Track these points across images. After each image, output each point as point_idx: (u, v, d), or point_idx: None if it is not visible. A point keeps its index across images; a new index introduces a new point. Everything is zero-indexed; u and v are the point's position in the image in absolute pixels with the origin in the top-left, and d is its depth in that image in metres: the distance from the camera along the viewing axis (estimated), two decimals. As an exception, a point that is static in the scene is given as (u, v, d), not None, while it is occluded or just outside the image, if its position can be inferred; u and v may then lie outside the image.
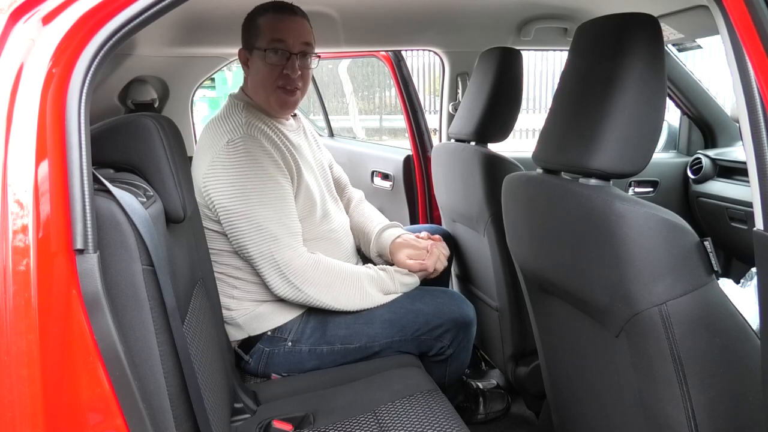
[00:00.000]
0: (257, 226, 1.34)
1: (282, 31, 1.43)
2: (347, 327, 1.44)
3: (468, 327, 1.53)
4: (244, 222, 1.35)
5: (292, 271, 1.35)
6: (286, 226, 1.36)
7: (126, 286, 0.78)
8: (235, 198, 1.34)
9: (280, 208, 1.37)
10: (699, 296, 0.83)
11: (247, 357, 1.46)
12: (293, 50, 1.44)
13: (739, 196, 2.07)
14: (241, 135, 1.37)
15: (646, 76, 0.88)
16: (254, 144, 1.37)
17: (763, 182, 0.73)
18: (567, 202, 0.97)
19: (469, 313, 1.54)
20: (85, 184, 0.67)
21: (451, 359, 1.53)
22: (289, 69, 1.44)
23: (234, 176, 1.34)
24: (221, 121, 1.43)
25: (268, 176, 1.36)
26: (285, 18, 1.44)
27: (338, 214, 1.63)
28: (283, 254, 1.35)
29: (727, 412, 0.86)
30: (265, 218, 1.34)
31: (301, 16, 1.47)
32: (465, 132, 1.73)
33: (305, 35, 1.46)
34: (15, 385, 0.61)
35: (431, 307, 1.48)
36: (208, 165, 1.36)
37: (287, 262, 1.35)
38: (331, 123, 3.29)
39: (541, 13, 1.93)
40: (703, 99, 2.36)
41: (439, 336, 1.48)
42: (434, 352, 1.50)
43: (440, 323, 1.48)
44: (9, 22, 0.66)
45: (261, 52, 1.44)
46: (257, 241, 1.35)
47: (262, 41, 1.43)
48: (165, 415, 0.80)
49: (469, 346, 1.57)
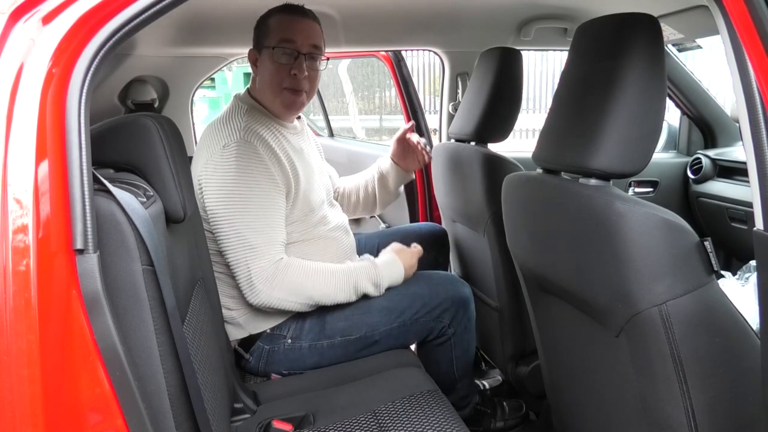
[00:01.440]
0: (237, 233, 1.34)
1: (292, 31, 1.43)
2: (346, 319, 1.45)
3: (466, 304, 1.54)
4: (225, 227, 1.35)
5: (262, 280, 1.35)
6: (266, 236, 1.36)
7: (126, 286, 0.78)
8: (220, 202, 1.35)
9: (263, 217, 1.36)
10: (699, 296, 0.83)
11: (248, 356, 1.46)
12: (302, 50, 1.44)
13: (739, 196, 2.07)
14: (236, 140, 1.37)
15: (646, 76, 0.88)
16: (249, 150, 1.36)
17: (763, 182, 0.73)
18: (567, 202, 0.97)
19: (465, 291, 1.55)
20: (85, 184, 0.67)
21: (454, 341, 1.53)
22: (297, 69, 1.44)
23: (223, 181, 1.35)
24: (221, 124, 1.43)
25: (256, 184, 1.36)
26: (295, 19, 1.45)
27: (335, 215, 1.63)
28: (257, 263, 1.34)
29: (727, 411, 0.86)
30: (246, 226, 1.34)
31: (312, 18, 1.48)
32: (465, 132, 1.73)
33: (315, 38, 1.47)
34: (15, 385, 0.61)
35: (426, 289, 1.49)
36: (202, 166, 1.38)
37: (258, 272, 1.34)
38: (331, 123, 3.29)
39: (541, 13, 1.93)
40: (703, 99, 2.36)
41: (438, 316, 1.49)
42: (435, 334, 1.51)
43: (438, 303, 1.48)
44: (9, 22, 0.66)
45: (270, 50, 1.44)
46: (235, 248, 1.35)
47: (272, 40, 1.44)
48: (165, 415, 0.80)
49: (470, 326, 1.57)
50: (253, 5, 1.52)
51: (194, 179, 1.37)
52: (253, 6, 1.52)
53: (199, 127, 2.56)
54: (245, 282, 1.35)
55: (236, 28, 1.85)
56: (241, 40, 1.96)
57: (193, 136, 2.49)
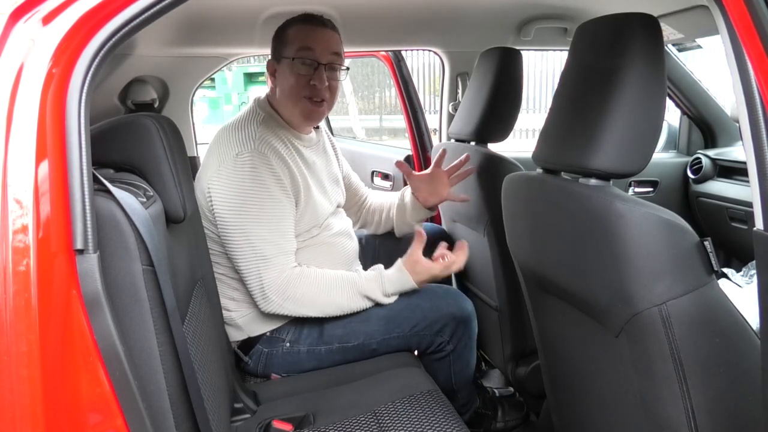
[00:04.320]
0: (249, 244, 1.34)
1: (311, 41, 1.42)
2: (343, 326, 1.44)
3: (467, 321, 1.52)
4: (237, 236, 1.35)
5: (274, 290, 1.35)
6: (278, 246, 1.36)
7: (126, 286, 0.78)
8: (233, 211, 1.34)
9: (275, 228, 1.36)
10: (699, 296, 0.83)
11: (247, 358, 1.46)
12: (321, 60, 1.42)
13: (739, 196, 2.07)
14: (250, 150, 1.36)
15: (646, 76, 0.88)
16: (262, 161, 1.36)
17: (763, 182, 0.73)
18: (567, 202, 0.97)
19: (467, 307, 1.53)
20: (85, 184, 0.67)
21: (453, 357, 1.52)
22: (317, 80, 1.42)
23: (236, 190, 1.34)
24: (236, 129, 1.42)
25: (268, 194, 1.35)
26: (314, 28, 1.44)
27: (339, 220, 1.62)
28: (269, 274, 1.35)
29: (727, 411, 0.86)
30: (258, 237, 1.34)
31: (331, 28, 1.47)
32: (465, 132, 1.73)
33: (335, 46, 1.46)
34: (15, 385, 0.61)
35: (428, 302, 1.48)
36: (214, 170, 1.37)
37: (271, 282, 1.35)
38: (331, 123, 3.29)
39: (541, 13, 1.93)
40: (703, 99, 2.36)
41: (438, 331, 1.48)
42: (434, 348, 1.50)
43: (438, 318, 1.47)
44: (9, 23, 0.66)
45: (289, 61, 1.43)
46: (247, 258, 1.35)
47: (290, 50, 1.42)
48: (165, 415, 0.80)
49: (471, 344, 1.56)
50: (253, 5, 1.52)
51: (203, 183, 1.37)
52: (253, 6, 1.52)
53: (199, 127, 2.56)
54: (257, 291, 1.36)
55: (236, 28, 1.85)
56: (241, 40, 1.97)
57: (193, 136, 2.49)
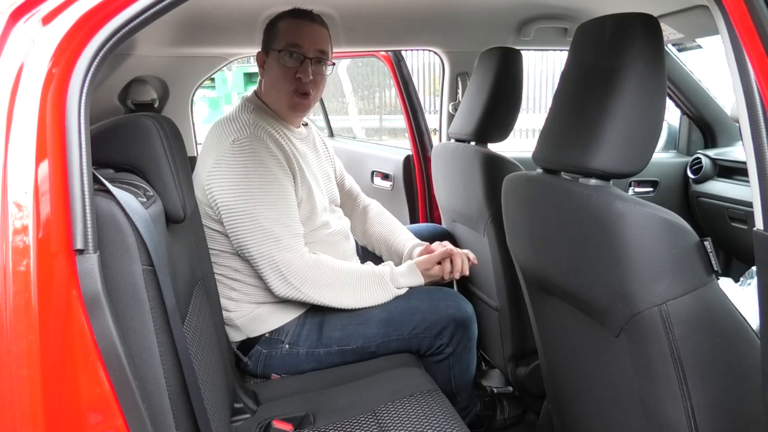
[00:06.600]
0: (259, 227, 1.34)
1: (298, 36, 1.45)
2: (342, 329, 1.44)
3: (467, 324, 1.52)
4: (246, 221, 1.35)
5: (292, 272, 1.35)
6: (288, 227, 1.37)
7: (126, 286, 0.78)
8: (238, 197, 1.35)
9: (282, 209, 1.37)
10: (699, 296, 0.83)
11: (246, 359, 1.46)
12: (308, 55, 1.45)
13: (739, 196, 2.07)
14: (247, 135, 1.37)
15: (646, 76, 0.88)
16: (260, 144, 1.37)
17: (763, 182, 0.73)
18: (567, 202, 0.97)
19: (467, 310, 1.53)
20: (85, 184, 0.67)
21: (453, 360, 1.52)
22: (302, 73, 1.45)
23: (238, 175, 1.35)
24: (229, 121, 1.44)
25: (272, 177, 1.37)
26: (303, 23, 1.47)
27: (336, 220, 1.63)
28: (283, 255, 1.35)
29: (727, 411, 0.86)
30: (267, 218, 1.35)
31: (320, 24, 1.49)
32: (465, 132, 1.73)
33: (321, 43, 1.48)
34: (15, 385, 0.61)
35: (427, 305, 1.48)
36: (212, 163, 1.37)
37: (287, 263, 1.35)
38: (331, 123, 3.29)
39: (541, 13, 1.93)
40: (703, 99, 2.36)
41: (437, 333, 1.48)
42: (433, 350, 1.50)
43: (437, 320, 1.47)
44: (9, 23, 0.66)
45: (276, 53, 1.46)
46: (258, 241, 1.35)
47: (279, 43, 1.45)
48: (165, 415, 0.80)
49: (471, 346, 1.56)
50: (253, 5, 1.52)
51: (202, 179, 1.37)
52: (253, 6, 1.52)
53: (199, 126, 2.56)
54: (274, 274, 1.36)
55: (236, 28, 1.85)
56: (241, 40, 1.97)
57: (193, 136, 2.49)
